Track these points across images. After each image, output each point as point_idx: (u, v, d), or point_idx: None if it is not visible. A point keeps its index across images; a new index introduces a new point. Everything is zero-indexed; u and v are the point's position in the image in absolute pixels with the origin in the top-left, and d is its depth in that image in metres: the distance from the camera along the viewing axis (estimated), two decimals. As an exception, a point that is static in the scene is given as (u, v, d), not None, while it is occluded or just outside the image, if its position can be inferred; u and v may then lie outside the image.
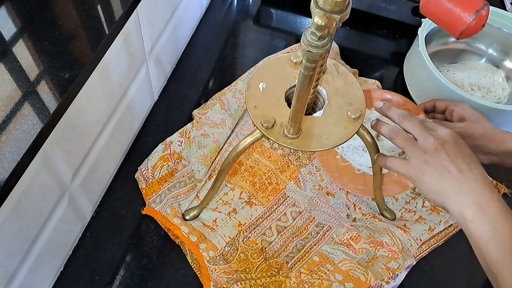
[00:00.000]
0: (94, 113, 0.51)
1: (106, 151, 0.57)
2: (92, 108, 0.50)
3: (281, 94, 0.46)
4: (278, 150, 0.65)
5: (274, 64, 0.48)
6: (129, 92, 0.59)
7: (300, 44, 0.34)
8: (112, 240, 0.57)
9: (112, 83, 0.53)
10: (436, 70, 0.63)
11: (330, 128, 0.45)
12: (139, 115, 0.66)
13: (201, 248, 0.56)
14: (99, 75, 0.49)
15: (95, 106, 0.51)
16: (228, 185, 0.62)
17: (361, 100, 0.46)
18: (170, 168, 0.62)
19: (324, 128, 0.45)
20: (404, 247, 0.58)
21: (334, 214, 0.61)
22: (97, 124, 0.53)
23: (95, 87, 0.49)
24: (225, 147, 0.65)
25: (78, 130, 0.48)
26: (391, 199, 0.63)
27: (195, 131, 0.66)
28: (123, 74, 0.55)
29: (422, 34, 0.68)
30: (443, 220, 0.60)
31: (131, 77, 0.58)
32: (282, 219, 0.60)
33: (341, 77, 0.48)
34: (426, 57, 0.65)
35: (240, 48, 0.79)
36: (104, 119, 0.54)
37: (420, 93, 0.70)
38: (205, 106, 0.69)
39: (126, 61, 0.55)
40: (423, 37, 0.67)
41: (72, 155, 0.49)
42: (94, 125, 0.52)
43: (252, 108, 0.45)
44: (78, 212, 0.55)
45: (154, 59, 0.64)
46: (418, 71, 0.69)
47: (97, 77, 0.48)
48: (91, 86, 0.47)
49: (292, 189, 0.62)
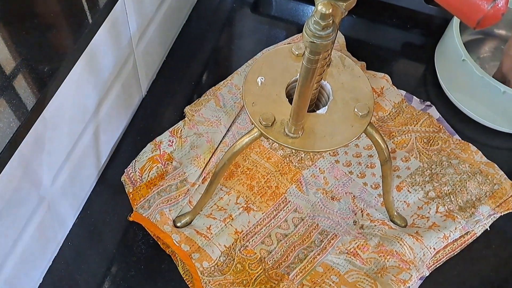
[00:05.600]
0: (76, 109, 0.51)
1: (90, 152, 0.57)
2: (74, 104, 0.50)
3: (281, 89, 0.47)
4: (278, 151, 0.65)
5: (274, 56, 0.48)
6: (114, 87, 0.59)
7: (303, 34, 0.34)
8: (96, 249, 0.58)
9: (96, 77, 0.53)
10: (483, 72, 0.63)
11: (335, 126, 0.45)
12: (125, 112, 0.66)
13: (194, 258, 0.56)
14: (82, 68, 0.49)
15: (77, 102, 0.51)
16: (223, 189, 0.62)
17: (369, 95, 0.46)
18: (160, 171, 0.62)
19: (328, 126, 0.45)
20: (417, 257, 0.58)
21: (339, 220, 0.61)
22: (79, 122, 0.53)
23: (77, 82, 0.49)
24: (220, 147, 0.65)
25: (58, 129, 0.48)
26: (402, 204, 0.63)
27: (187, 129, 0.66)
28: (108, 67, 0.55)
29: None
30: (459, 227, 0.60)
31: (117, 70, 0.58)
32: (282, 226, 0.60)
33: (347, 71, 0.48)
34: (474, 65, 0.64)
35: (237, 38, 0.79)
36: (87, 117, 0.54)
37: (452, 86, 0.70)
38: (198, 103, 0.69)
39: (112, 53, 0.55)
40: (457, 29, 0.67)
41: (52, 156, 0.49)
42: (76, 123, 0.52)
43: (249, 105, 0.45)
44: (58, 218, 0.55)
45: (142, 50, 0.64)
46: (455, 69, 0.68)
47: (79, 70, 0.48)
48: (73, 80, 0.47)
49: (294, 193, 0.62)
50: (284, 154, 0.65)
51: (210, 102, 0.68)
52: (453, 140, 0.68)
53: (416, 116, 0.70)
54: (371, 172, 0.65)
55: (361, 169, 0.65)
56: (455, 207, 0.62)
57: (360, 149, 0.67)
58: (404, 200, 0.63)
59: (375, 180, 0.64)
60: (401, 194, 0.64)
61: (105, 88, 0.57)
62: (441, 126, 0.69)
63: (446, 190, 0.63)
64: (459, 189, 0.63)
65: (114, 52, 0.56)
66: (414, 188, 0.64)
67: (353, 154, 0.66)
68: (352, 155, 0.66)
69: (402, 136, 0.68)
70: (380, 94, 0.72)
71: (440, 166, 0.65)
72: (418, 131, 0.68)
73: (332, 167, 0.65)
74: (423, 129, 0.68)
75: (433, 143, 0.67)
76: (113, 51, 0.55)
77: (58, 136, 0.49)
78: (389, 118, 0.70)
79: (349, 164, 0.65)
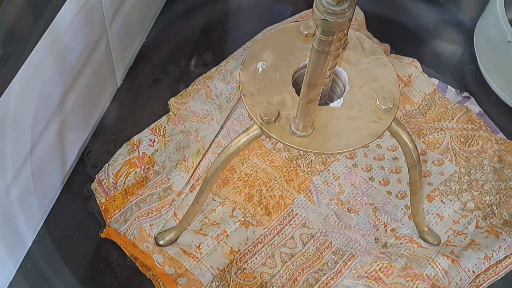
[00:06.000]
0: (37, 102, 0.51)
1: (53, 153, 0.57)
2: (35, 95, 0.50)
3: (287, 78, 0.47)
4: (282, 153, 0.66)
5: (278, 37, 0.49)
6: (83, 75, 0.59)
7: (313, 10, 0.34)
8: (61, 273, 0.58)
9: (61, 62, 0.53)
10: None
11: (352, 123, 0.45)
12: (97, 105, 0.66)
13: (180, 284, 0.56)
14: (44, 52, 0.49)
15: (38, 93, 0.51)
16: (216, 199, 0.62)
17: (394, 85, 0.47)
18: (139, 176, 0.62)
19: (344, 122, 0.45)
20: (452, 282, 0.58)
21: (358, 237, 0.61)
22: (41, 118, 0.53)
23: (37, 68, 0.49)
24: (212, 148, 0.65)
25: (16, 126, 0.48)
26: (435, 218, 0.63)
27: (172, 126, 0.66)
28: (75, 50, 0.56)
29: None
30: (503, 246, 0.61)
31: (86, 54, 0.59)
32: (288, 244, 0.61)
33: (367, 55, 0.48)
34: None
35: (233, 15, 0.79)
36: (50, 110, 0.54)
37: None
38: (185, 94, 0.69)
39: (80, 33, 0.55)
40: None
41: (8, 158, 0.49)
42: (38, 118, 0.52)
43: (248, 96, 0.45)
44: (14, 234, 0.55)
45: (117, 30, 0.64)
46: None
47: (40, 54, 0.48)
48: (33, 66, 0.47)
49: (302, 204, 0.63)
50: (290, 157, 0.66)
51: (200, 92, 0.68)
52: (496, 139, 0.68)
53: (451, 110, 0.70)
54: (396, 178, 0.65)
55: (384, 175, 0.65)
56: (499, 221, 0.62)
57: (383, 151, 0.67)
58: (437, 212, 0.63)
59: (401, 188, 0.65)
60: (433, 205, 0.64)
61: (72, 75, 0.57)
62: (481, 122, 0.69)
63: (488, 200, 0.64)
64: (504, 199, 0.64)
65: (82, 32, 0.56)
66: (449, 198, 0.64)
67: (374, 157, 0.67)
68: (374, 157, 0.66)
69: (434, 134, 0.68)
70: (407, 83, 0.72)
71: (481, 171, 0.66)
72: (454, 129, 0.68)
73: (349, 172, 0.65)
74: (459, 126, 0.69)
75: (472, 143, 0.67)
76: (82, 31, 0.56)
77: (14, 134, 0.49)
78: (418, 112, 0.70)
79: (370, 169, 0.66)
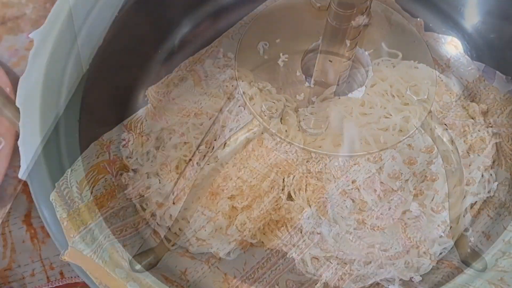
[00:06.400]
0: None
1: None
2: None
3: (295, 61, 0.47)
4: (289, 155, 0.65)
5: (284, 11, 0.49)
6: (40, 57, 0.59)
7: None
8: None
9: (11, 39, 0.53)
10: None
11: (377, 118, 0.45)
12: (56, 94, 0.66)
13: (161, 319, 0.56)
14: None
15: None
16: (206, 213, 0.62)
17: (429, 70, 0.46)
18: (110, 185, 0.62)
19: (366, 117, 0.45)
20: (501, 317, 0.58)
21: (383, 261, 0.61)
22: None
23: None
24: (201, 150, 0.65)
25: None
26: (480, 237, 0.63)
27: (150, 122, 0.66)
28: (28, 24, 0.55)
29: None
30: None
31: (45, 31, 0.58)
32: (296, 269, 0.60)
33: (396, 32, 0.48)
34: None
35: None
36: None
37: None
38: (167, 82, 0.69)
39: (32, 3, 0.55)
40: None
41: None
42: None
43: (247, 85, 0.45)
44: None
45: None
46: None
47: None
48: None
49: (314, 219, 0.63)
50: (298, 160, 0.65)
51: (188, 81, 0.68)
52: (557, 138, 0.68)
53: (500, 102, 0.70)
54: (431, 188, 0.65)
55: (417, 183, 0.65)
56: (561, 241, 0.62)
57: (415, 152, 0.67)
58: (483, 230, 0.63)
59: (437, 199, 0.65)
60: (478, 221, 0.64)
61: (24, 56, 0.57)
62: (538, 118, 0.70)
63: (547, 215, 0.64)
64: None
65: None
66: (497, 212, 0.64)
67: (404, 160, 0.66)
68: (403, 161, 0.66)
69: (479, 132, 0.68)
70: (445, 68, 0.72)
71: (538, 178, 0.66)
72: (504, 125, 0.68)
73: (372, 179, 0.65)
74: (511, 122, 0.69)
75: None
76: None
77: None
78: (459, 105, 0.70)
79: (398, 176, 0.65)
